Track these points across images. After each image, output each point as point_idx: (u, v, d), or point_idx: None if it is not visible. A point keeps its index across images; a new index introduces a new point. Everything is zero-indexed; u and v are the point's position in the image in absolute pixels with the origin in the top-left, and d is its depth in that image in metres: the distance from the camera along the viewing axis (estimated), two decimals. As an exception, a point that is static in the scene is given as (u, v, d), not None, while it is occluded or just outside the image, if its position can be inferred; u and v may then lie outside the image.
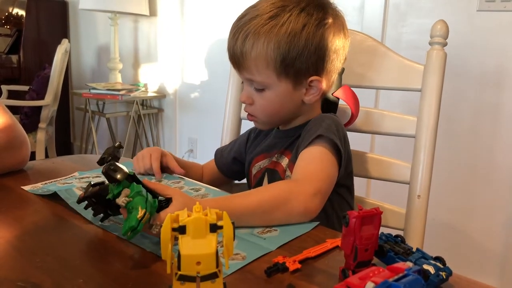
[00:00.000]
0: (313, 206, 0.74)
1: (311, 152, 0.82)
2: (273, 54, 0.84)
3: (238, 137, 1.13)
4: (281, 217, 0.72)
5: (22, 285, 0.53)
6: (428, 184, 0.97)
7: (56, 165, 1.06)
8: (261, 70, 0.86)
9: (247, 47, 0.85)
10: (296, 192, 0.74)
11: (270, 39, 0.83)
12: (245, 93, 0.91)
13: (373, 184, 1.85)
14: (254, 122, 0.96)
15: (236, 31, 0.87)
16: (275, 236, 0.68)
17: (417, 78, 0.99)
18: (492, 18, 1.62)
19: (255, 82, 0.88)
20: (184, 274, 0.45)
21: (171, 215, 0.47)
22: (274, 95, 0.88)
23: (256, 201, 0.72)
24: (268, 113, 0.91)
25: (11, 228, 0.70)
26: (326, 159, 0.81)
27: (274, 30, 0.83)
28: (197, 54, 2.73)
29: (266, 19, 0.84)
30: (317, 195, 0.75)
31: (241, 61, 0.86)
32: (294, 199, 0.73)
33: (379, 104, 1.90)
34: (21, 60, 3.44)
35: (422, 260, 0.56)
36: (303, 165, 0.81)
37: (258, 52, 0.84)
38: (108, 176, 0.64)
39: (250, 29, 0.84)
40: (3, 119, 0.95)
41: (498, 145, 1.66)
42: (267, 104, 0.89)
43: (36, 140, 2.73)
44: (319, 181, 0.77)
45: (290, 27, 0.83)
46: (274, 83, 0.87)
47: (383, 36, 1.87)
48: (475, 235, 1.75)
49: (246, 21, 0.85)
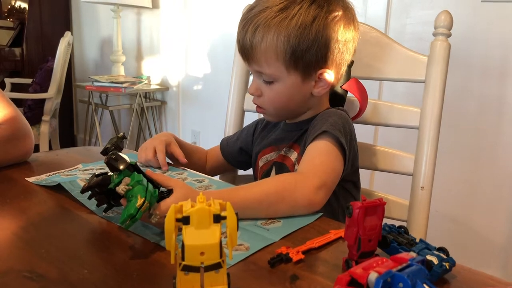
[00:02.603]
0: (317, 199, 0.74)
1: (317, 146, 0.82)
2: (283, 46, 0.84)
3: (244, 127, 1.12)
4: (285, 209, 0.72)
5: (28, 275, 0.54)
6: (432, 176, 0.97)
7: (60, 157, 1.07)
8: (271, 63, 0.85)
9: (257, 39, 0.84)
10: (301, 185, 0.74)
11: (280, 32, 0.83)
12: (253, 85, 0.91)
13: (376, 176, 1.85)
14: (263, 114, 0.96)
15: (245, 23, 0.86)
16: (279, 227, 0.68)
17: (421, 69, 0.99)
18: (497, 9, 1.60)
19: (264, 74, 0.87)
20: (188, 264, 0.46)
21: (175, 206, 0.47)
22: (283, 88, 0.88)
23: (260, 193, 0.72)
24: (276, 105, 0.90)
25: (16, 219, 0.71)
26: (331, 153, 0.81)
27: (284, 22, 0.83)
28: (200, 46, 2.72)
29: (276, 11, 0.83)
30: (322, 188, 0.75)
31: (251, 53, 0.86)
32: (298, 192, 0.73)
33: (382, 96, 1.89)
34: (24, 53, 3.44)
35: (425, 250, 0.56)
36: (309, 159, 0.81)
37: (268, 45, 0.84)
38: (110, 165, 0.64)
39: (260, 21, 0.84)
40: (7, 111, 0.95)
41: (502, 137, 1.66)
42: (275, 96, 0.89)
43: (40, 132, 2.74)
44: (324, 174, 0.77)
45: (300, 19, 0.83)
46: (283, 76, 0.86)
47: (386, 27, 1.86)
48: (478, 227, 1.75)
49: (256, 12, 0.85)
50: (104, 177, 0.68)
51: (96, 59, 3.59)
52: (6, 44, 3.48)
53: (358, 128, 0.92)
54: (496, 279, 0.56)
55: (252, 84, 0.92)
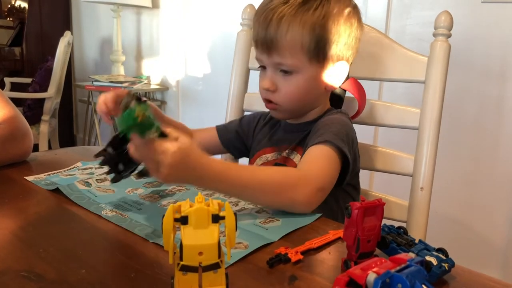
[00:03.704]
0: (315, 200, 0.75)
1: (319, 150, 0.81)
2: (308, 37, 0.84)
3: (243, 117, 1.09)
4: (282, 202, 0.73)
5: (26, 275, 0.54)
6: (431, 176, 0.97)
7: (59, 156, 1.07)
8: (294, 53, 0.85)
9: (282, 30, 0.84)
10: (304, 182, 0.74)
11: (305, 22, 0.84)
12: (268, 80, 0.89)
13: (376, 176, 1.85)
14: (273, 111, 0.94)
15: (267, 14, 0.86)
16: (278, 226, 0.68)
17: (421, 70, 0.99)
18: (497, 9, 1.60)
19: (284, 65, 0.87)
20: (186, 264, 0.45)
21: (173, 206, 0.47)
22: (301, 80, 0.87)
23: (264, 178, 0.73)
24: (293, 98, 0.89)
25: (14, 219, 0.71)
26: (332, 160, 0.81)
27: (308, 13, 0.84)
28: (200, 46, 2.72)
29: (299, 3, 0.84)
30: (321, 191, 0.76)
31: (274, 44, 0.85)
32: (300, 188, 0.73)
33: (382, 96, 1.89)
34: (24, 53, 3.44)
35: (424, 251, 0.56)
36: (311, 160, 0.80)
37: (293, 35, 0.84)
38: (136, 98, 0.62)
39: (284, 11, 0.84)
40: (5, 111, 0.95)
41: (502, 138, 1.66)
42: (293, 89, 0.88)
43: (39, 132, 2.74)
44: (324, 178, 0.78)
45: (323, 11, 0.85)
46: (304, 67, 0.86)
47: (387, 27, 1.86)
48: (477, 228, 1.74)
49: (277, 4, 0.85)
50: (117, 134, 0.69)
51: (96, 59, 3.59)
52: (6, 44, 3.48)
53: (357, 128, 0.92)
54: (495, 280, 0.56)
55: (266, 78, 0.90)
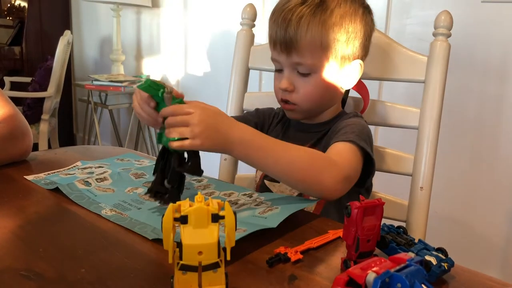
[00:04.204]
0: (340, 188, 0.75)
1: (344, 145, 0.81)
2: (326, 37, 0.85)
3: (257, 109, 1.06)
4: (311, 182, 0.73)
5: (25, 274, 0.54)
6: (431, 176, 0.97)
7: (59, 155, 1.07)
8: (314, 53, 0.85)
9: (302, 29, 0.84)
10: (333, 168, 0.74)
11: (324, 22, 0.84)
12: (286, 80, 0.89)
13: (376, 176, 1.85)
14: (290, 112, 0.93)
15: (286, 14, 0.85)
16: (276, 213, 0.68)
17: (421, 70, 0.99)
18: (497, 9, 1.60)
19: (302, 66, 0.87)
20: (186, 263, 0.45)
21: (173, 205, 0.47)
22: (319, 80, 0.87)
23: (296, 154, 0.73)
24: (312, 98, 0.89)
25: (14, 218, 0.71)
26: (357, 156, 0.81)
27: (327, 13, 0.84)
28: (200, 45, 2.72)
29: (317, 3, 0.85)
30: (347, 180, 0.76)
31: (294, 44, 0.85)
32: (329, 173, 0.73)
33: (382, 96, 1.89)
34: (24, 52, 3.44)
35: (424, 251, 0.56)
36: (337, 151, 0.80)
37: (313, 34, 0.84)
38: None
39: (303, 11, 0.84)
40: (5, 110, 0.95)
41: (502, 138, 1.66)
42: (312, 89, 0.88)
43: (39, 131, 2.74)
44: (351, 169, 0.78)
45: (341, 10, 0.85)
46: (323, 66, 0.87)
47: (386, 27, 1.86)
48: (477, 227, 1.75)
49: (295, 4, 0.85)
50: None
51: (96, 58, 3.58)
52: (5, 43, 3.47)
53: (357, 128, 0.92)
54: (494, 280, 0.56)
55: (284, 79, 0.89)
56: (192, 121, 0.66)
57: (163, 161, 0.74)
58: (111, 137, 3.40)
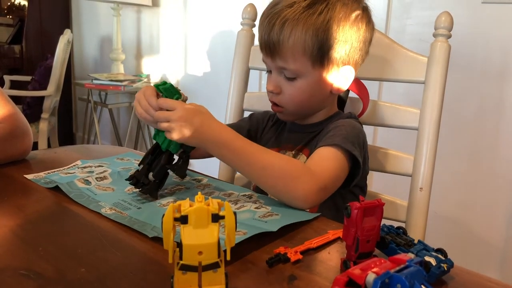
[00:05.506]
0: (314, 199, 0.75)
1: (327, 151, 0.81)
2: (311, 41, 0.83)
3: (251, 115, 1.08)
4: (282, 190, 0.74)
5: (25, 273, 0.54)
6: (431, 177, 0.97)
7: (59, 154, 1.07)
8: (297, 58, 0.85)
9: (285, 34, 0.83)
10: (307, 177, 0.74)
11: (308, 27, 0.83)
12: (273, 82, 0.89)
13: (375, 176, 1.85)
14: (279, 113, 0.94)
15: (271, 18, 0.85)
16: (277, 219, 0.68)
17: (421, 70, 0.99)
18: (497, 10, 1.60)
19: (287, 71, 0.86)
20: (186, 263, 0.45)
21: (173, 205, 0.47)
22: (305, 84, 0.87)
23: (270, 159, 0.75)
24: (297, 102, 0.89)
25: (14, 217, 0.71)
26: (340, 162, 0.81)
27: (313, 17, 0.83)
28: (200, 45, 2.72)
29: (304, 6, 0.83)
30: (322, 190, 0.76)
31: (277, 48, 0.85)
32: (302, 182, 0.73)
33: (382, 97, 1.89)
34: (24, 50, 3.44)
35: (423, 251, 0.56)
36: (318, 159, 0.81)
37: (296, 39, 0.83)
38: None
39: (288, 16, 0.83)
40: (5, 109, 0.94)
41: (501, 138, 1.66)
42: (297, 93, 0.88)
43: (39, 130, 2.73)
44: (329, 179, 0.78)
45: (328, 15, 0.84)
46: (308, 72, 0.86)
47: (387, 27, 1.86)
48: (476, 229, 1.75)
49: (282, 7, 0.84)
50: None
51: (96, 57, 3.58)
52: (5, 42, 3.47)
53: (357, 128, 0.92)
54: (494, 281, 0.56)
55: (271, 81, 0.90)
56: (173, 117, 0.74)
57: (152, 156, 0.80)
58: (110, 136, 3.40)
